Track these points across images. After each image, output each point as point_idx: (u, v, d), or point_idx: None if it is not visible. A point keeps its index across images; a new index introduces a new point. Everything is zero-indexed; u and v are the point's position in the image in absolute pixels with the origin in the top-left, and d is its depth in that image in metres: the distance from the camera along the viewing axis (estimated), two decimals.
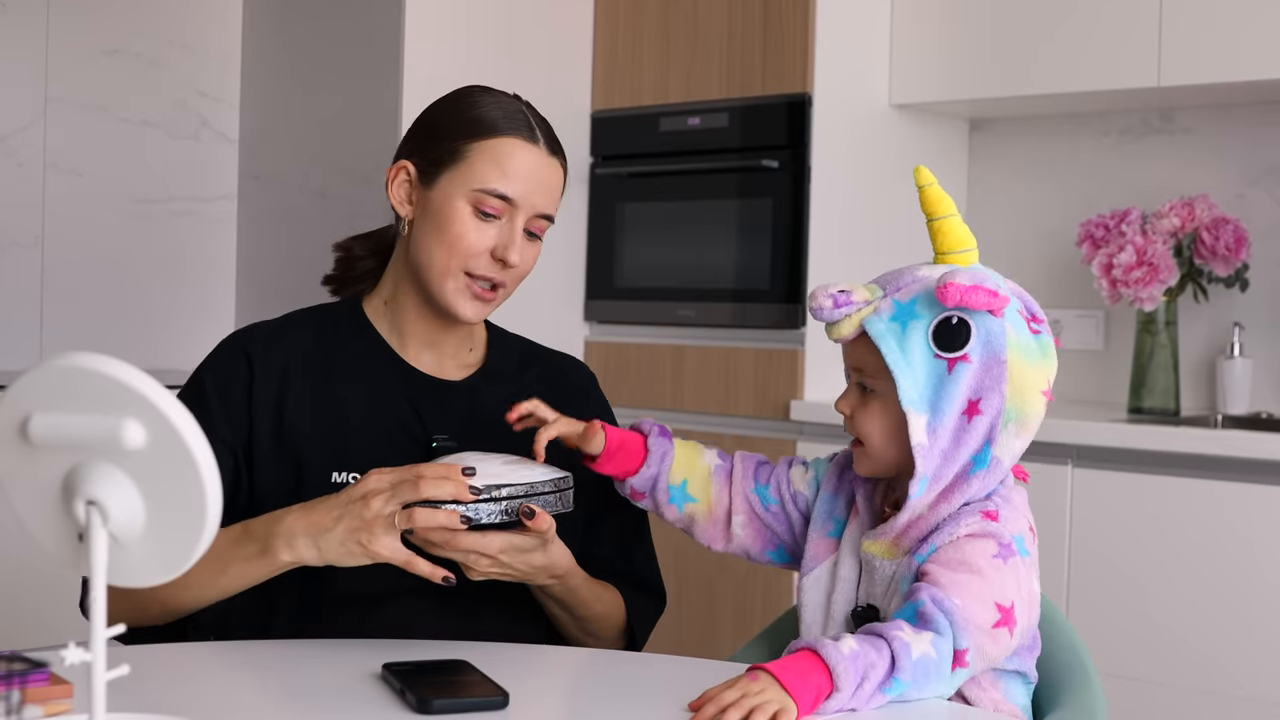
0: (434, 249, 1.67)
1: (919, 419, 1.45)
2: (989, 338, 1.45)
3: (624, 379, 3.53)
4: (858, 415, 1.52)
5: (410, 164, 1.71)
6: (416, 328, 1.74)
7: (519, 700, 1.33)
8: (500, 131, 1.67)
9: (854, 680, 1.31)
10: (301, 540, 1.52)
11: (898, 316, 1.47)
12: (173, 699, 1.35)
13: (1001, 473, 1.48)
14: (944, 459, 1.46)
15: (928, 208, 1.53)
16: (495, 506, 1.50)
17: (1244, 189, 3.25)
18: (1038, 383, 1.48)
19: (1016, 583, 1.44)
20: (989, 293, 1.43)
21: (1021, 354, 1.47)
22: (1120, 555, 2.80)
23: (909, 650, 1.34)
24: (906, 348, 1.46)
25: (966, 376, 1.45)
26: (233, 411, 1.68)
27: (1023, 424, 1.47)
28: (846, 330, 1.49)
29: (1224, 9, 2.95)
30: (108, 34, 3.52)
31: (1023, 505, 1.51)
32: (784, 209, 3.27)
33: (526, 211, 1.67)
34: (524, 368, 1.81)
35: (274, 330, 1.75)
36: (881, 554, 1.51)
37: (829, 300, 1.49)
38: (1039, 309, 1.54)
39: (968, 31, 3.31)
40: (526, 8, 3.48)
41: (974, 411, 1.45)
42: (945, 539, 1.45)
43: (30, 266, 3.41)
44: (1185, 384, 3.28)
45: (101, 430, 0.93)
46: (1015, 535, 1.46)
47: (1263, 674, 2.63)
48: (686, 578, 3.33)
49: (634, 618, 1.74)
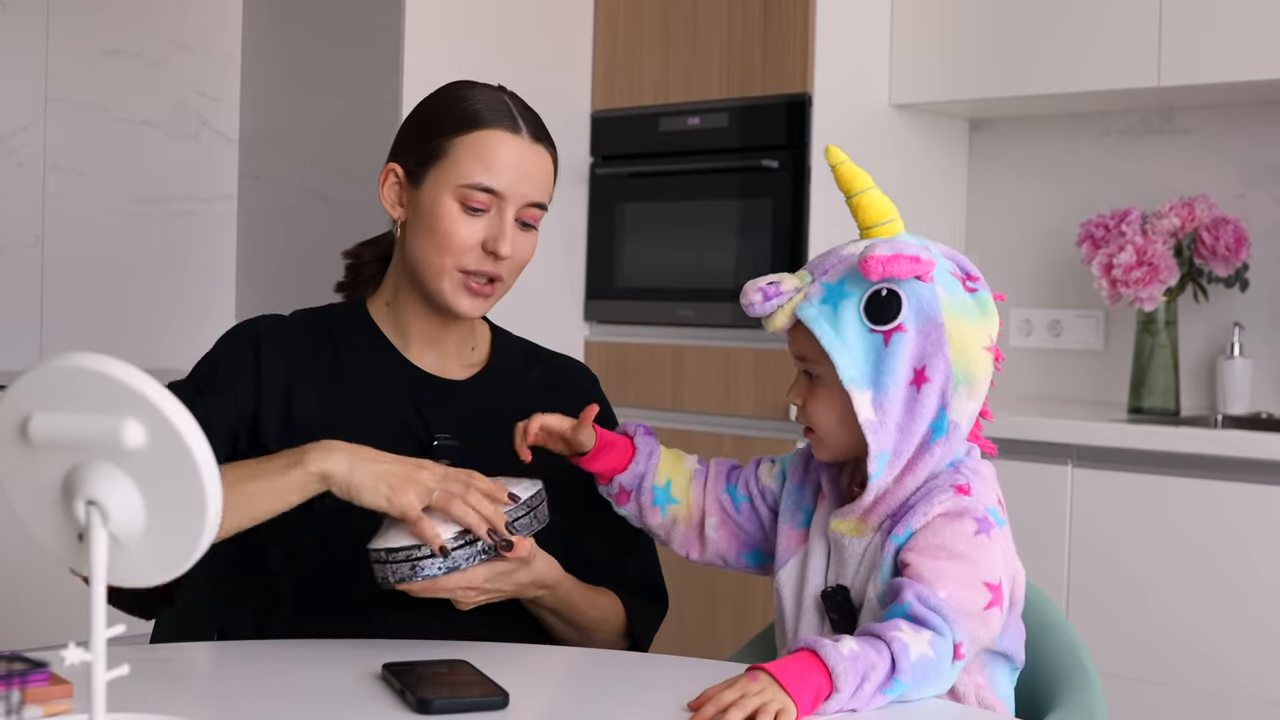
0: (426, 248, 1.67)
1: (863, 396, 1.44)
2: (921, 304, 1.45)
3: (624, 379, 3.52)
4: (807, 403, 1.52)
5: (398, 165, 1.71)
6: (418, 327, 1.74)
7: (519, 700, 1.33)
8: (482, 124, 1.66)
9: (854, 681, 1.31)
10: (340, 455, 1.52)
11: (828, 299, 1.47)
12: (173, 699, 1.35)
13: (960, 437, 1.47)
14: (900, 433, 1.45)
15: (843, 185, 1.52)
16: (472, 550, 1.51)
17: (1244, 189, 3.24)
18: (979, 340, 1.47)
19: (1002, 555, 1.44)
20: (910, 259, 1.43)
21: (959, 315, 1.46)
22: (1120, 555, 2.80)
23: (908, 651, 1.34)
24: (840, 328, 1.45)
25: (905, 346, 1.44)
26: (240, 397, 1.68)
27: (972, 384, 1.46)
28: (780, 321, 1.49)
29: (1224, 9, 2.95)
30: (108, 34, 3.52)
31: (991, 478, 1.50)
32: (784, 209, 3.27)
33: (515, 202, 1.67)
34: (526, 368, 1.81)
35: (282, 326, 1.75)
36: (849, 531, 1.50)
37: (758, 294, 1.49)
38: (973, 267, 1.52)
39: (968, 31, 3.31)
40: (526, 8, 3.48)
41: (921, 380, 1.44)
42: (920, 520, 1.44)
43: (30, 266, 3.41)
44: (1185, 384, 3.28)
45: (101, 430, 0.93)
46: (989, 507, 1.45)
47: (1263, 674, 2.63)
48: (687, 578, 3.34)
49: (636, 622, 1.74)
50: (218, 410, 1.65)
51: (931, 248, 1.48)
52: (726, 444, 3.32)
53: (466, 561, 1.50)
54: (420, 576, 1.49)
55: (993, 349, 1.49)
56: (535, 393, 1.78)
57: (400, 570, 1.49)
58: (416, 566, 1.49)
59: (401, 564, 1.49)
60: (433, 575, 1.49)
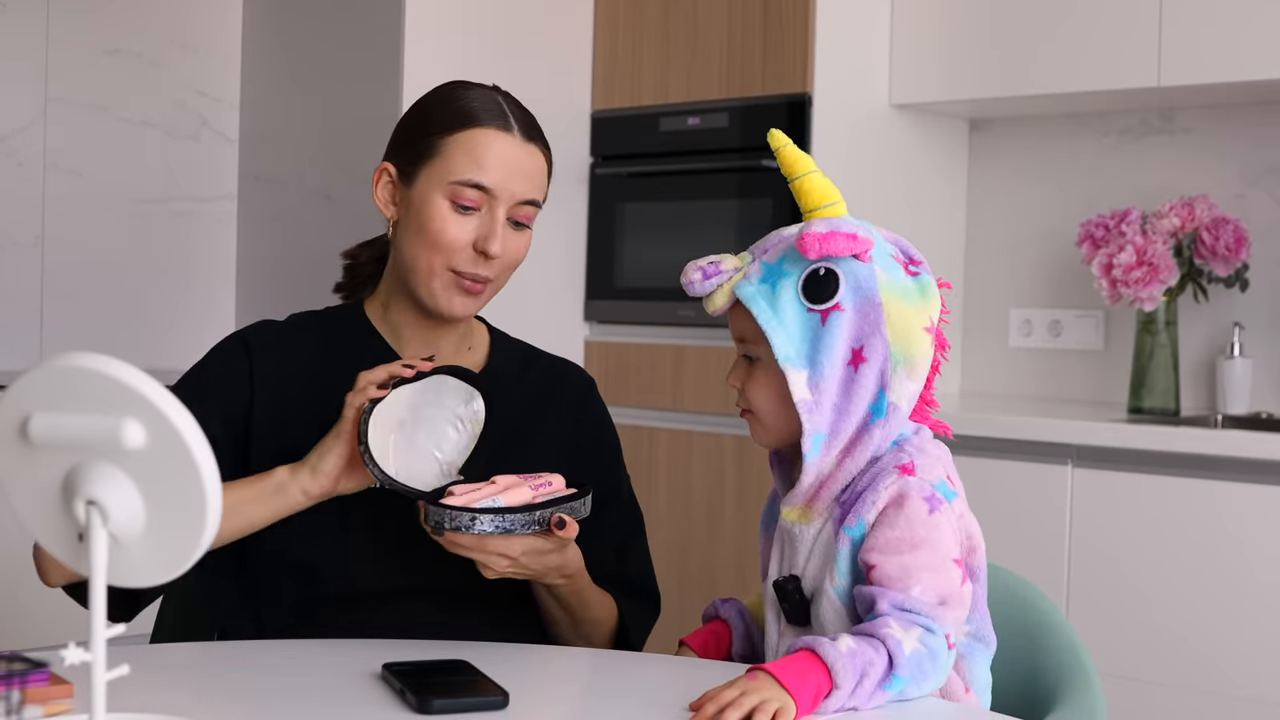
0: (417, 247, 1.67)
1: (799, 375, 1.43)
2: (859, 283, 1.44)
3: (624, 379, 3.52)
4: (746, 386, 1.51)
5: (391, 165, 1.71)
6: (413, 329, 1.74)
7: (519, 700, 1.33)
8: (473, 123, 1.66)
9: (853, 677, 1.31)
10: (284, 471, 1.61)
11: (767, 278, 1.46)
12: (173, 699, 1.35)
13: (901, 419, 1.46)
14: (837, 413, 1.44)
15: (786, 168, 1.52)
16: (529, 518, 1.53)
17: (1244, 189, 3.25)
18: (919, 320, 1.45)
19: (954, 529, 1.43)
20: (847, 237, 1.42)
21: (897, 296, 1.45)
22: (1120, 555, 2.80)
23: (902, 647, 1.34)
24: (778, 306, 1.44)
25: (843, 326, 1.43)
26: (233, 400, 1.68)
27: (911, 365, 1.45)
28: (720, 301, 1.49)
29: (1224, 9, 2.95)
30: (108, 34, 3.52)
31: (940, 455, 1.48)
32: (784, 209, 3.27)
33: (506, 200, 1.67)
34: (524, 370, 1.81)
35: (278, 331, 1.76)
36: (797, 519, 1.49)
37: (698, 274, 1.49)
38: (916, 252, 1.52)
39: (968, 31, 3.31)
40: (526, 8, 3.48)
41: (859, 360, 1.43)
42: (870, 510, 1.42)
43: (30, 266, 3.41)
44: (1185, 384, 3.28)
45: (101, 430, 0.93)
46: (934, 483, 1.44)
47: (1263, 674, 2.63)
48: (687, 578, 3.34)
49: (630, 624, 1.74)
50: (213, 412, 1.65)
51: (871, 229, 1.47)
52: (726, 444, 3.32)
53: (522, 529, 1.51)
54: (474, 529, 1.50)
55: (933, 330, 1.47)
56: (533, 394, 1.78)
57: (459, 518, 1.50)
58: (476, 519, 1.50)
59: (461, 513, 1.50)
60: (485, 532, 1.50)
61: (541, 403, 1.77)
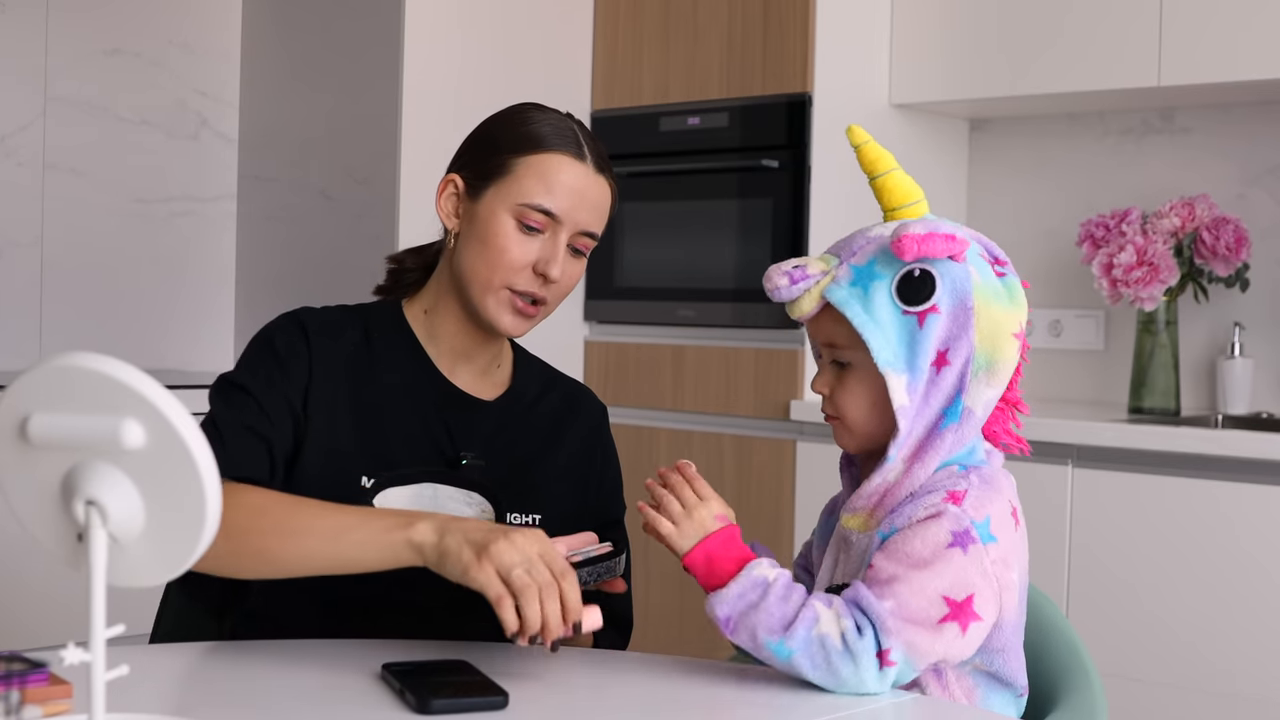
0: (477, 262, 1.67)
1: (899, 379, 1.40)
2: (954, 284, 1.40)
3: (624, 379, 3.53)
4: (835, 392, 1.47)
5: (459, 177, 1.71)
6: (453, 340, 1.73)
7: (519, 700, 1.33)
8: (547, 147, 1.67)
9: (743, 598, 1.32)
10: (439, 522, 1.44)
11: (858, 280, 1.42)
12: (173, 699, 1.35)
13: (975, 426, 1.42)
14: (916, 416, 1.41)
15: (867, 166, 1.49)
16: (593, 571, 1.49)
17: (1244, 189, 3.25)
18: (1009, 326, 1.42)
19: (981, 573, 1.37)
20: (946, 238, 1.38)
21: (989, 298, 1.42)
22: (1120, 555, 2.80)
23: (814, 624, 1.33)
24: (872, 309, 1.40)
25: (937, 328, 1.40)
26: (298, 381, 1.67)
27: (994, 371, 1.41)
28: (808, 306, 1.45)
29: (1224, 9, 2.95)
30: (108, 34, 3.52)
31: (1002, 490, 1.43)
32: (784, 209, 3.27)
33: (570, 228, 1.67)
34: (543, 394, 1.81)
35: (329, 322, 1.74)
36: (857, 527, 1.46)
37: (784, 278, 1.45)
38: (1000, 251, 1.49)
39: (968, 31, 3.31)
40: (526, 8, 3.48)
41: (942, 362, 1.40)
42: (904, 520, 1.39)
43: (30, 266, 3.41)
44: (1185, 384, 3.28)
45: (101, 430, 0.93)
46: (978, 521, 1.38)
47: (1263, 674, 2.63)
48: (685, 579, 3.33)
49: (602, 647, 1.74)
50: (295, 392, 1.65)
51: (960, 229, 1.44)
52: (726, 444, 3.32)
53: (587, 580, 1.48)
54: None
55: (1021, 335, 1.43)
56: (550, 419, 1.79)
57: None
58: None
59: None
60: None
61: (557, 429, 1.78)
